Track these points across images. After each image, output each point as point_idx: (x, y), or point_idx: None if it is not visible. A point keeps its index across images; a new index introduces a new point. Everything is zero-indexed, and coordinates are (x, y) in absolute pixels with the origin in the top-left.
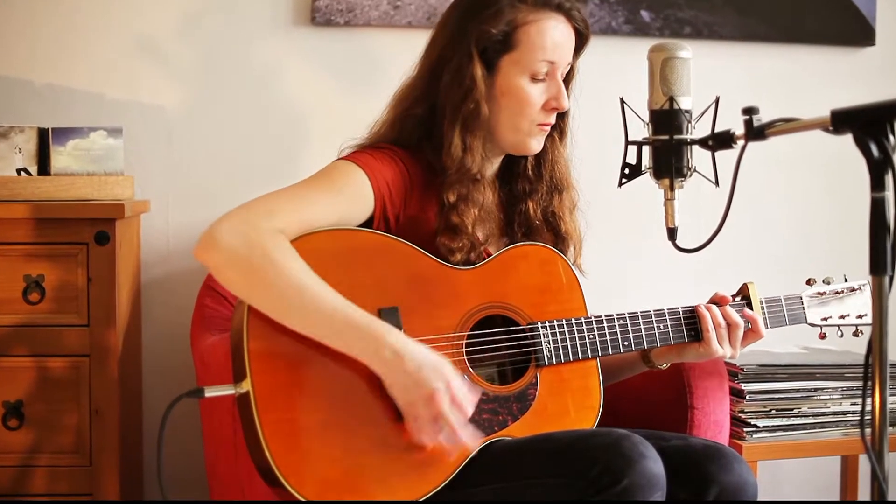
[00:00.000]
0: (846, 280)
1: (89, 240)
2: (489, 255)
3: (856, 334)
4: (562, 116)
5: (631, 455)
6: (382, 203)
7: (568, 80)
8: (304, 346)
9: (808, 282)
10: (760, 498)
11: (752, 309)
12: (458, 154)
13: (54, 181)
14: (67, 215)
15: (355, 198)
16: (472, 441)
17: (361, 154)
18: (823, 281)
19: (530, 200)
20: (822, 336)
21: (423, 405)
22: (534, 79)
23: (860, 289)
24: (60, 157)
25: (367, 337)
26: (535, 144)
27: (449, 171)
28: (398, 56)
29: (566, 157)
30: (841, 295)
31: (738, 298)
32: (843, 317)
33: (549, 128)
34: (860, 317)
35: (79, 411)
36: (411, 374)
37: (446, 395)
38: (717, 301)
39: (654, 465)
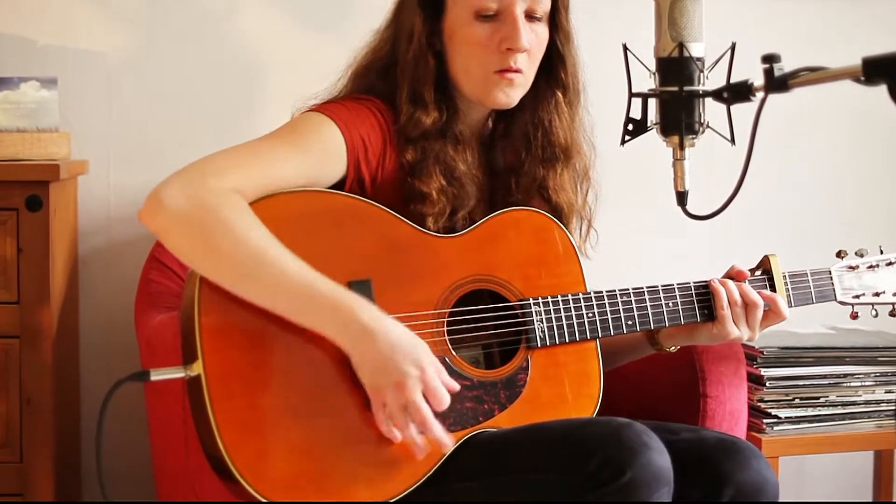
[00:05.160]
0: (882, 252)
1: (19, 205)
2: (473, 221)
3: (892, 314)
4: (559, 65)
5: (633, 446)
6: (356, 161)
7: (555, 16)
8: (266, 323)
9: (839, 254)
10: (782, 499)
11: (774, 284)
12: (408, 109)
13: None
14: None
15: (326, 155)
16: (445, 438)
17: (333, 104)
18: (856, 253)
19: (514, 173)
20: (854, 316)
21: (392, 391)
22: (480, 17)
23: None
24: None
25: (334, 311)
26: (502, 96)
27: (401, 126)
28: None
29: (572, 117)
30: (876, 269)
31: (758, 273)
32: (877, 294)
33: (516, 75)
34: None
35: (7, 400)
36: (382, 355)
37: (418, 383)
38: (734, 276)
39: (660, 457)
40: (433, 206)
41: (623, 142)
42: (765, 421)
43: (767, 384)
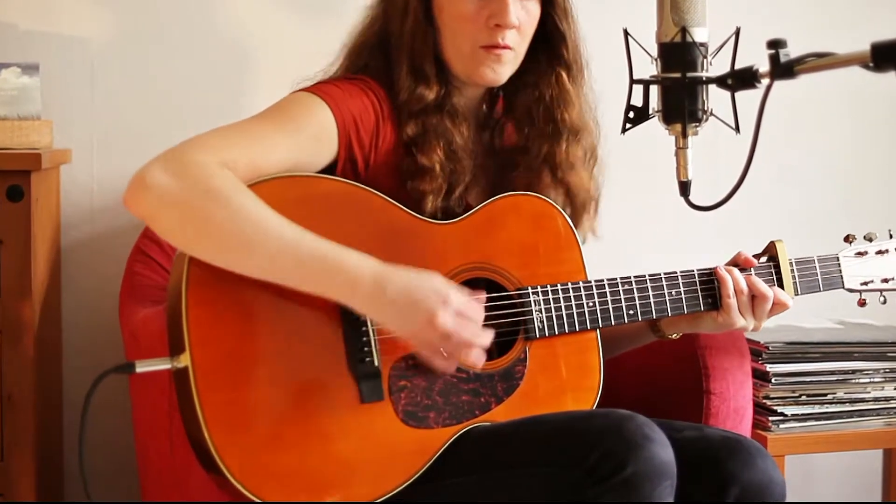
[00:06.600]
0: (892, 236)
1: (0, 196)
2: (469, 205)
3: None
4: (559, 41)
5: (635, 438)
6: (348, 142)
7: None
8: (256, 313)
9: (847, 238)
10: (789, 498)
11: (780, 271)
12: (407, 83)
13: None
14: None
15: (317, 136)
16: (489, 341)
17: (324, 84)
18: (865, 237)
19: (519, 152)
20: (862, 303)
21: (428, 330)
22: None
23: None
24: None
25: (341, 270)
26: (489, 72)
27: (402, 101)
28: None
29: (577, 94)
30: (885, 254)
31: (763, 259)
32: (886, 280)
33: (504, 51)
34: None
35: None
36: (399, 301)
37: (448, 311)
38: (740, 263)
39: (663, 450)
40: (433, 181)
41: (624, 130)
42: (770, 418)
43: (773, 381)
